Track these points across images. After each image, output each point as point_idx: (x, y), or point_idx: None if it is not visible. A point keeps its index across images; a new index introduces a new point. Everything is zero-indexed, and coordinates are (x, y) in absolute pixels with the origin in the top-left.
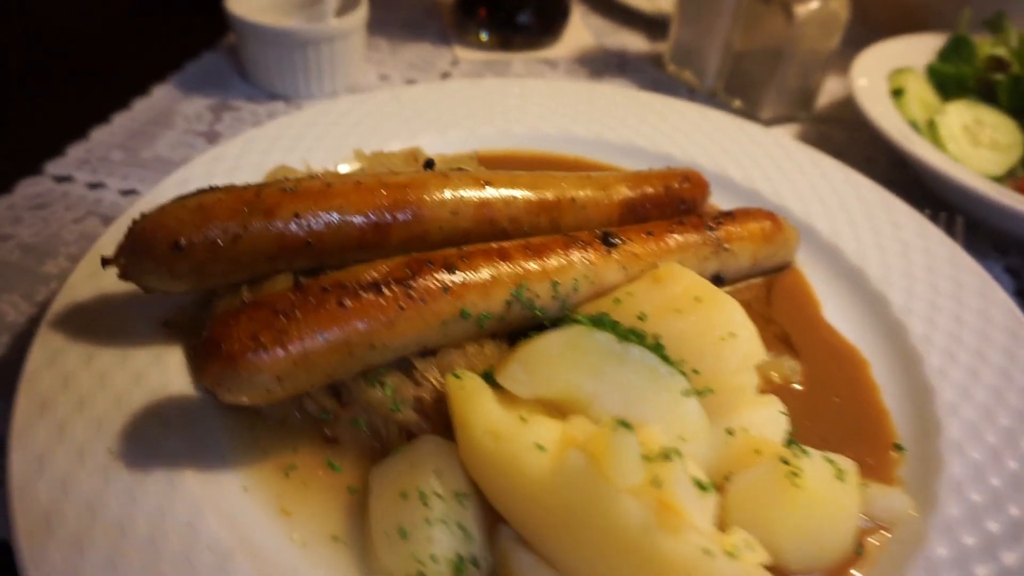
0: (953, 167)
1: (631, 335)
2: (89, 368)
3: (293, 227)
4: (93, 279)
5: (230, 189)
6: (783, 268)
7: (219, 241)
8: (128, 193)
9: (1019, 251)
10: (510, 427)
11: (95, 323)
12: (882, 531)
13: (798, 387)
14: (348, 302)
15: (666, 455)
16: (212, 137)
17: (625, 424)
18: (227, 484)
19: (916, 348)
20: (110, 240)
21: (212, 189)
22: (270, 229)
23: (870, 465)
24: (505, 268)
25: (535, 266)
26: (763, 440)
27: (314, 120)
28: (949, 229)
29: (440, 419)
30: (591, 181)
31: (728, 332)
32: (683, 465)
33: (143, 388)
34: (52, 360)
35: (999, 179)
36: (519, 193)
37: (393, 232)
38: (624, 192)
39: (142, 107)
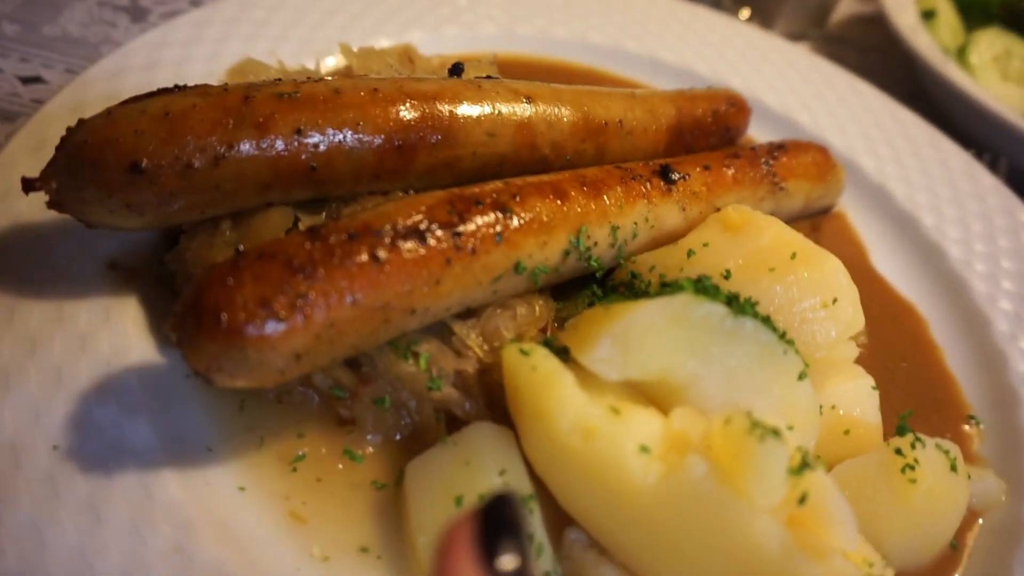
0: (992, 100)
1: (746, 307)
2: (12, 330)
3: (294, 147)
4: (2, 203)
5: (206, 91)
6: (827, 210)
7: (195, 163)
8: (30, 81)
9: None
10: (603, 422)
11: (12, 267)
12: (975, 519)
13: (859, 349)
14: (384, 254)
15: (806, 463)
16: (137, 14)
17: (772, 430)
18: (218, 485)
19: (981, 308)
20: (21, 149)
21: (180, 89)
22: (264, 149)
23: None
24: (563, 208)
25: (593, 206)
26: (854, 419)
27: (279, 2)
28: (992, 171)
29: (484, 394)
30: (638, 101)
31: (831, 297)
32: (826, 475)
33: (90, 357)
34: None
35: None
36: (565, 112)
37: (419, 156)
38: (672, 115)
39: None
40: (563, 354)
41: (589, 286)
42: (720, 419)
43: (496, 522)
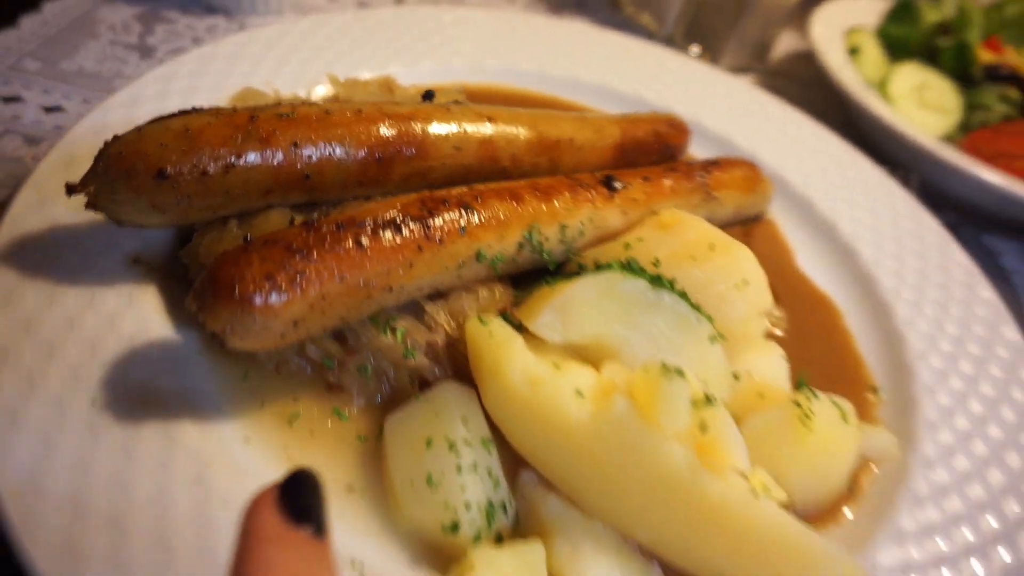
0: (907, 125)
1: (663, 282)
2: (52, 310)
3: (291, 158)
4: (41, 209)
5: (218, 112)
6: (758, 218)
7: (209, 170)
8: (52, 110)
9: (954, 208)
10: (547, 374)
11: (50, 260)
12: (869, 467)
13: (780, 333)
14: (366, 241)
15: (708, 400)
16: (145, 52)
17: (677, 370)
18: (228, 435)
19: (886, 300)
20: (53, 165)
21: (196, 111)
22: (266, 159)
23: (853, 406)
24: (517, 209)
25: (545, 208)
26: (767, 385)
27: (274, 40)
28: (904, 185)
29: (452, 364)
30: (587, 123)
31: (742, 279)
32: (724, 410)
33: (118, 333)
34: (6, 301)
35: (941, 140)
36: (521, 131)
37: (396, 167)
38: (616, 135)
39: (54, 10)
40: (517, 327)
41: (544, 276)
42: (641, 368)
43: (296, 486)
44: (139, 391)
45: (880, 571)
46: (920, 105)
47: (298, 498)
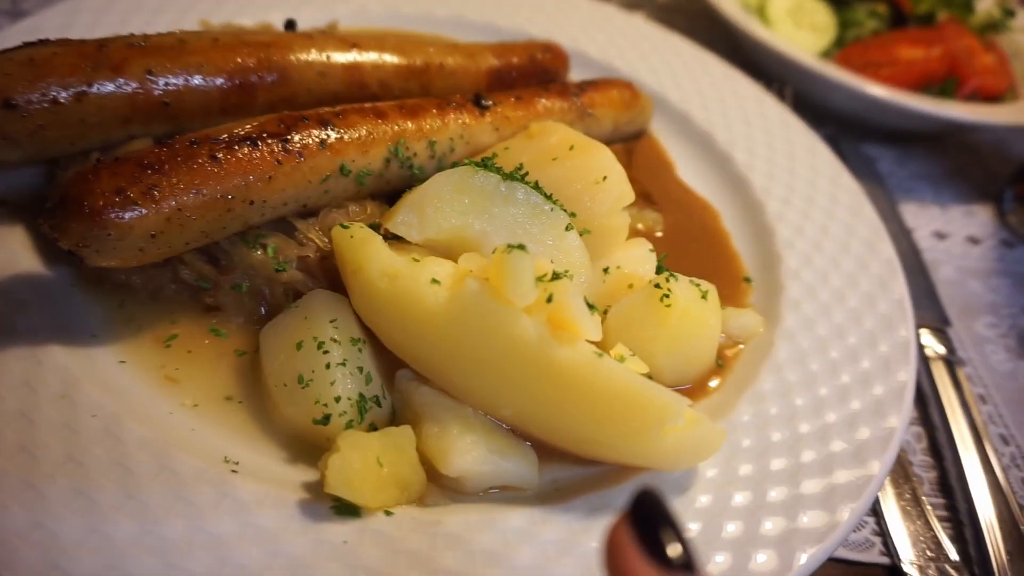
0: (784, 44)
1: (515, 176)
2: None
3: (147, 85)
4: None
5: (65, 42)
6: (640, 135)
7: (60, 99)
8: None
9: (834, 121)
10: (404, 266)
11: None
12: (738, 346)
13: (660, 235)
14: (221, 155)
15: (556, 275)
16: (16, 16)
17: (519, 246)
18: (101, 358)
19: (758, 199)
20: None
21: (42, 42)
22: (120, 87)
23: (726, 295)
24: (382, 126)
25: (411, 125)
26: (635, 275)
27: None
28: (780, 98)
29: (326, 277)
30: (458, 49)
31: (601, 176)
32: (572, 283)
33: None
34: None
35: (818, 57)
36: (388, 56)
37: (259, 94)
38: (491, 60)
39: None
40: (381, 234)
41: None
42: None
43: (648, 518)
44: (6, 319)
45: (739, 428)
46: (797, 26)
47: (657, 534)
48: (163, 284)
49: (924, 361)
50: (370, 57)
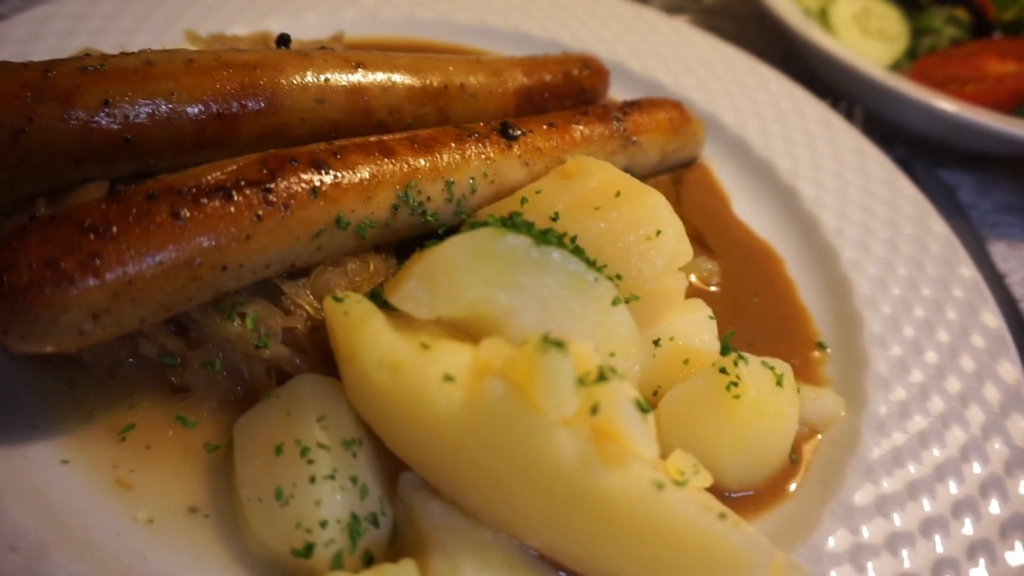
0: (850, 55)
1: (550, 237)
2: None
3: (103, 119)
4: None
5: (4, 67)
6: (690, 163)
7: None
8: None
9: (905, 142)
10: (409, 356)
11: None
12: (815, 435)
13: (714, 289)
14: (186, 212)
15: (602, 375)
16: None
17: (556, 342)
18: (38, 458)
19: (831, 242)
20: None
21: None
22: (68, 121)
23: (796, 366)
24: (388, 165)
25: (424, 162)
26: (692, 348)
27: None
28: (848, 119)
29: (318, 353)
30: (482, 66)
31: (654, 230)
32: (622, 386)
33: None
34: None
35: (888, 69)
36: (399, 77)
37: (242, 125)
38: (520, 79)
39: None
40: (387, 305)
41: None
42: (521, 343)
43: None
44: None
45: (827, 557)
46: (863, 33)
47: None
48: (121, 360)
49: None
50: (377, 78)
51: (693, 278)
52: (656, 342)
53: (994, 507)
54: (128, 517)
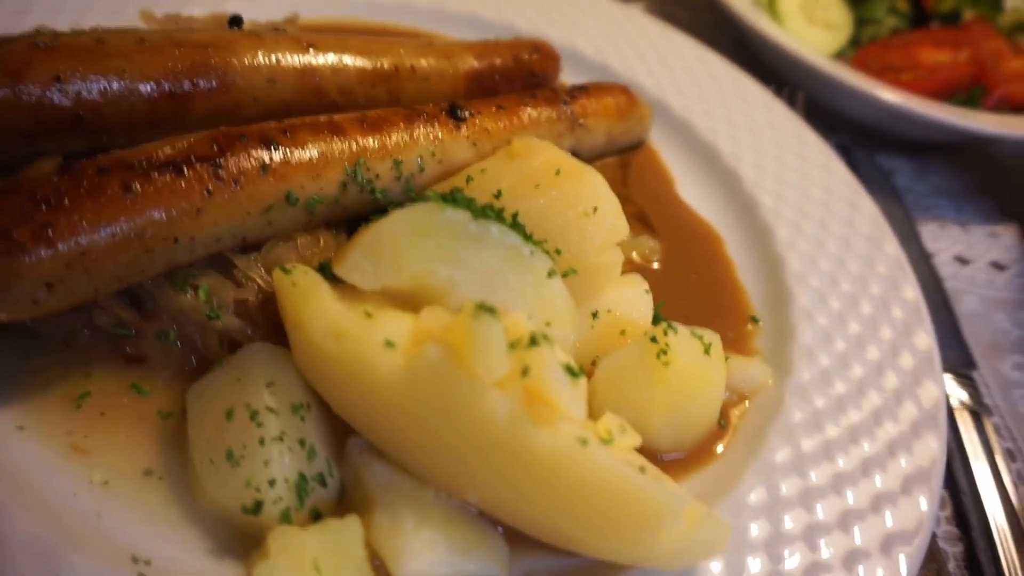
0: (795, 43)
1: (488, 212)
2: None
3: (54, 94)
4: None
5: None
6: (637, 146)
7: None
8: None
9: (848, 129)
10: (354, 324)
11: None
12: (743, 402)
13: (656, 266)
14: (137, 185)
15: (533, 340)
16: None
17: (488, 308)
18: None
19: (768, 222)
20: None
21: None
22: (20, 96)
23: (729, 338)
24: (337, 144)
25: (373, 142)
26: (629, 320)
27: None
28: (791, 105)
29: (269, 324)
30: (434, 49)
31: (591, 206)
32: (552, 350)
33: None
34: None
35: (832, 58)
36: (350, 59)
37: (195, 104)
38: (471, 62)
39: None
40: (335, 277)
41: None
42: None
43: None
44: None
45: (745, 511)
46: (809, 22)
47: None
48: (76, 330)
49: (948, 411)
50: (328, 60)
51: (635, 255)
52: (594, 314)
53: (901, 463)
54: (84, 480)
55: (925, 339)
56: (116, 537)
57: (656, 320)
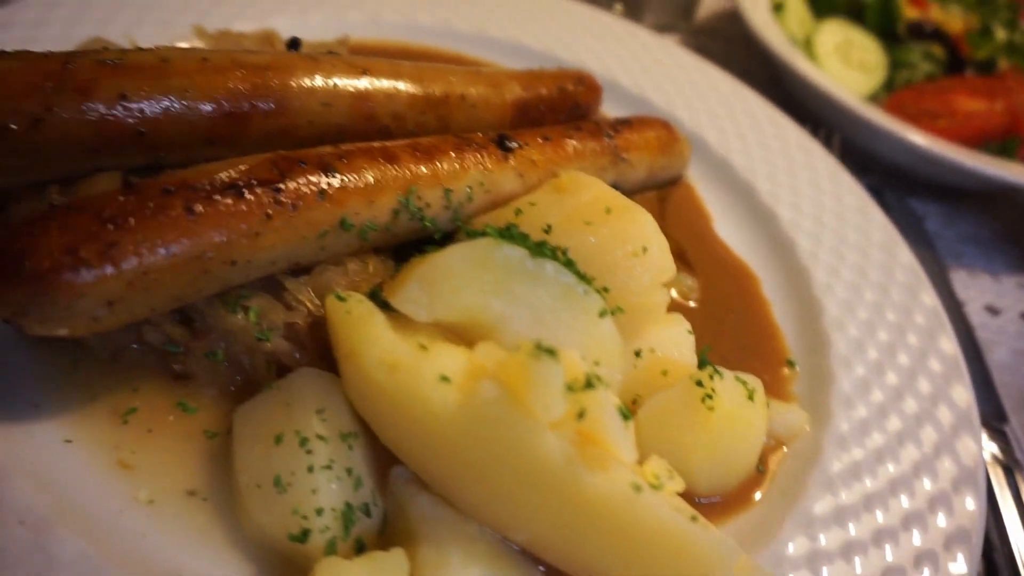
0: (832, 85)
1: (544, 249)
2: None
3: (119, 111)
4: None
5: (24, 56)
6: (675, 181)
7: (11, 125)
8: None
9: (881, 172)
10: (408, 356)
11: None
12: (780, 447)
13: (694, 304)
14: (200, 207)
15: (589, 383)
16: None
17: (548, 349)
18: (42, 437)
19: (804, 264)
20: None
21: None
22: (86, 112)
23: (766, 382)
24: (391, 171)
25: (425, 170)
26: (671, 361)
27: None
28: (827, 146)
29: (317, 348)
30: (482, 77)
31: (641, 246)
32: (608, 393)
33: None
34: None
35: (866, 99)
36: (403, 85)
37: (252, 124)
38: (517, 91)
39: None
40: (386, 305)
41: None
42: (514, 349)
43: None
44: None
45: (786, 561)
46: (845, 63)
47: None
48: (125, 345)
49: None
50: (382, 85)
51: (674, 293)
52: (637, 353)
53: (940, 521)
54: (129, 497)
55: (963, 394)
56: (159, 558)
57: (702, 364)
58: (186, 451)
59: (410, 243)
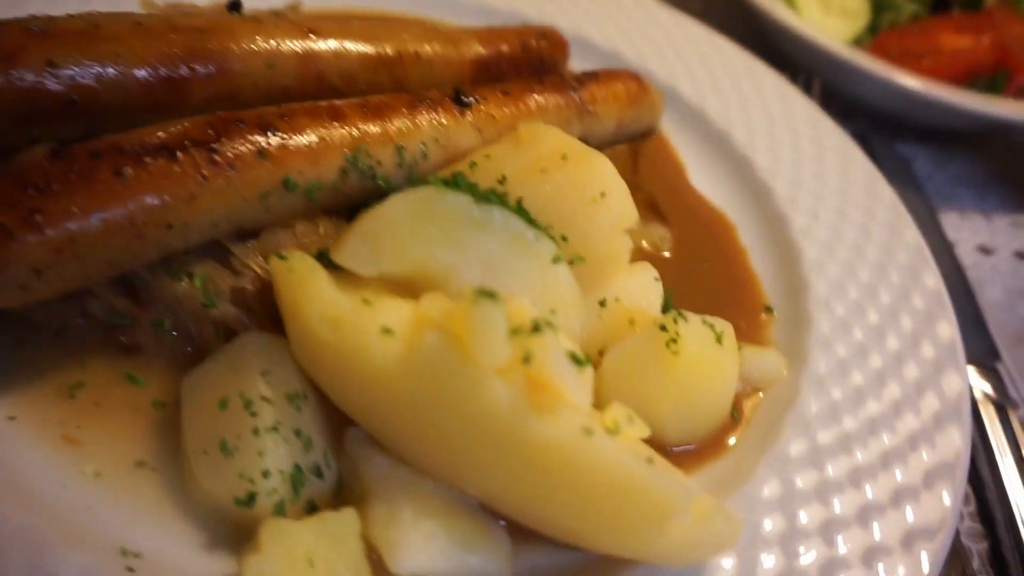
0: (811, 30)
1: (491, 196)
2: None
3: (48, 80)
4: None
5: None
6: (648, 133)
7: None
8: None
9: (866, 117)
10: (350, 311)
11: None
12: (757, 393)
13: (667, 255)
14: (129, 170)
15: (536, 327)
16: None
17: (489, 293)
18: None
19: (782, 209)
20: None
21: None
22: (13, 81)
23: (743, 328)
24: (338, 129)
25: (375, 128)
26: (638, 309)
27: None
28: (806, 92)
29: (267, 312)
30: (438, 35)
31: (599, 192)
32: (556, 337)
33: None
34: None
35: (849, 44)
36: (352, 45)
37: (192, 89)
38: (476, 49)
39: None
40: (328, 260)
41: None
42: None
43: None
44: None
45: (759, 505)
46: (826, 10)
47: None
48: (71, 320)
49: (972, 404)
50: (330, 45)
51: (645, 244)
52: (602, 303)
53: (923, 457)
54: (75, 471)
55: (947, 328)
56: (106, 530)
57: (666, 308)
58: (134, 423)
59: (366, 203)
